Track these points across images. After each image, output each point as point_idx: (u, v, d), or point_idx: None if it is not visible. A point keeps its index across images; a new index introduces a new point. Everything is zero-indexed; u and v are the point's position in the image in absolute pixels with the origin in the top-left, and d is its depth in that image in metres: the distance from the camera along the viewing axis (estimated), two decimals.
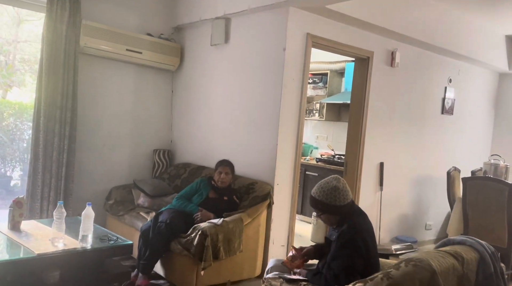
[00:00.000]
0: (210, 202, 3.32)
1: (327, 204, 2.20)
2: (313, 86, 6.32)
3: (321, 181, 2.29)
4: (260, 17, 3.69)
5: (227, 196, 3.40)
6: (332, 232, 2.31)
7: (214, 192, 3.40)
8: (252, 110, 3.78)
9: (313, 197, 2.26)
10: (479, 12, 4.62)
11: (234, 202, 3.42)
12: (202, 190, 3.40)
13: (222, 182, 3.40)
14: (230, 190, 3.48)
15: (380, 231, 4.50)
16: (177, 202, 3.36)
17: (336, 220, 2.25)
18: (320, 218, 2.32)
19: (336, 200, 2.19)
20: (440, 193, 4.87)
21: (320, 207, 2.24)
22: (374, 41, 4.20)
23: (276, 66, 3.54)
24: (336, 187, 2.20)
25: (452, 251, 1.92)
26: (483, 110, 5.77)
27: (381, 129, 4.43)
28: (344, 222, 2.21)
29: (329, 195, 2.19)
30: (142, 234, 3.12)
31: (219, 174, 3.41)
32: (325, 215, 2.25)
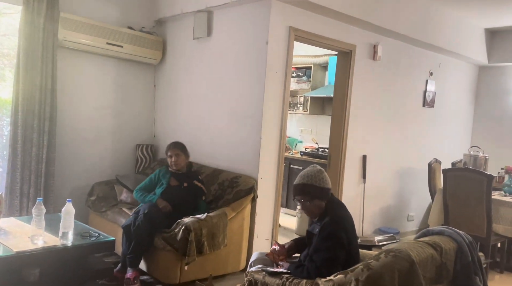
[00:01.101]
0: (172, 190, 3.27)
1: (317, 187, 2.19)
2: (297, 79, 6.33)
3: (302, 171, 2.30)
4: (242, 10, 3.67)
5: (187, 182, 3.31)
6: (314, 226, 2.31)
7: (175, 179, 3.33)
8: (235, 104, 3.76)
9: (301, 184, 2.23)
10: (459, 6, 4.68)
11: (195, 187, 3.32)
12: (162, 180, 3.36)
13: (176, 164, 3.31)
14: (190, 174, 3.38)
15: (363, 223, 4.56)
16: (136, 194, 3.33)
17: (322, 209, 2.24)
18: (305, 208, 2.26)
19: (324, 182, 2.21)
20: (421, 185, 4.95)
21: (311, 191, 2.20)
22: (357, 35, 4.22)
23: (259, 59, 3.53)
24: (320, 170, 2.26)
25: (431, 241, 1.96)
26: (463, 103, 5.87)
27: (364, 122, 4.47)
28: (326, 214, 2.22)
29: (317, 178, 2.21)
30: (125, 230, 3.10)
31: (170, 158, 3.33)
32: (314, 201, 2.21)
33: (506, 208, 3.79)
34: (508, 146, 5.60)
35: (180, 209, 3.19)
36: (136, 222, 3.02)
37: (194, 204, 3.30)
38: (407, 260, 1.76)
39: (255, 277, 2.14)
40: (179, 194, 3.25)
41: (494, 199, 3.80)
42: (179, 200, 3.21)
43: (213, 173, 3.75)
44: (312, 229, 2.31)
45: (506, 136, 5.68)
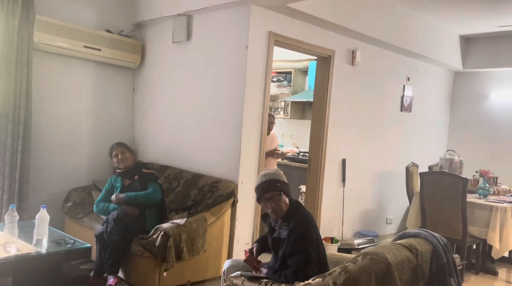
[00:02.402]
0: (128, 190, 3.27)
1: (283, 182, 2.28)
2: (277, 84, 6.36)
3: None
4: (222, 15, 3.67)
5: (137, 174, 3.30)
6: (279, 230, 2.27)
7: (127, 178, 3.33)
8: (216, 108, 3.75)
9: (268, 180, 2.25)
10: (435, 13, 4.80)
11: (145, 174, 3.30)
12: (115, 184, 3.35)
13: (123, 162, 3.32)
14: (137, 167, 3.37)
15: (343, 226, 4.60)
16: (97, 208, 3.30)
17: (286, 205, 2.24)
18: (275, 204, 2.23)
19: (285, 179, 2.30)
20: (400, 188, 5.03)
21: (279, 185, 2.23)
22: (336, 40, 4.27)
23: (239, 64, 3.53)
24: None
25: (407, 244, 1.99)
26: (440, 107, 6.01)
27: (343, 126, 4.52)
28: (291, 217, 2.22)
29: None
30: (98, 239, 3.04)
31: (116, 157, 3.33)
32: (282, 196, 2.23)
33: (481, 210, 3.89)
34: (482, 150, 5.75)
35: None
36: (108, 229, 2.97)
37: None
38: (384, 263, 1.78)
39: (234, 282, 2.13)
40: (135, 190, 3.24)
41: (469, 202, 3.89)
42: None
43: (193, 177, 3.72)
44: (279, 235, 2.27)
45: (480, 140, 5.84)
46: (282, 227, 2.24)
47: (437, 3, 4.39)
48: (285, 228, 2.21)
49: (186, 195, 3.61)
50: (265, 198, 2.26)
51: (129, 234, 3.01)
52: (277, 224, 2.30)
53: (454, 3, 4.37)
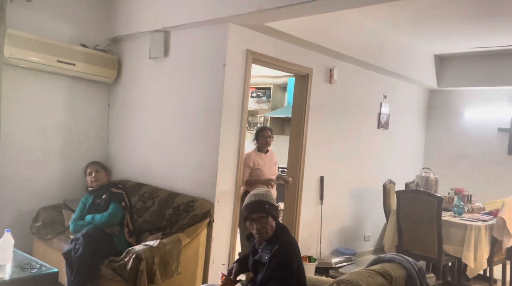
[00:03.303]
0: (95, 209, 3.21)
1: (272, 204, 2.23)
2: (257, 100, 6.37)
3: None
4: (200, 32, 3.65)
5: (105, 193, 3.23)
6: (262, 253, 2.23)
7: (98, 197, 3.27)
8: (192, 126, 3.70)
9: (257, 200, 2.21)
10: (411, 33, 4.91)
11: (112, 194, 3.22)
12: (87, 203, 3.28)
13: (96, 180, 3.26)
14: (108, 186, 3.31)
15: (321, 244, 4.57)
16: (74, 227, 3.19)
17: (272, 228, 2.21)
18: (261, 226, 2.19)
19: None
20: (377, 205, 5.05)
21: (267, 207, 2.20)
22: (313, 59, 4.30)
23: (217, 81, 3.50)
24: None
25: (381, 270, 1.97)
26: (416, 124, 6.11)
27: (321, 143, 4.53)
28: (275, 240, 2.19)
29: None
30: (65, 257, 2.94)
31: (90, 175, 3.28)
32: (269, 218, 2.19)
33: (456, 228, 3.93)
34: (457, 167, 5.86)
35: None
36: (76, 246, 2.87)
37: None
38: None
39: None
40: (102, 209, 3.17)
41: (444, 220, 3.93)
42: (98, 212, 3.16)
43: (169, 196, 3.64)
44: (260, 257, 2.24)
45: (454, 157, 5.95)
46: (265, 250, 2.21)
47: (412, 23, 4.49)
48: (268, 252, 2.17)
49: (161, 215, 3.52)
50: (252, 219, 2.21)
51: (98, 253, 2.91)
52: (261, 246, 2.26)
53: (428, 24, 4.48)
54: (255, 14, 3.14)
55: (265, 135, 4.06)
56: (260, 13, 3.11)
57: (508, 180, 5.41)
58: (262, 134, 4.06)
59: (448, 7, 3.85)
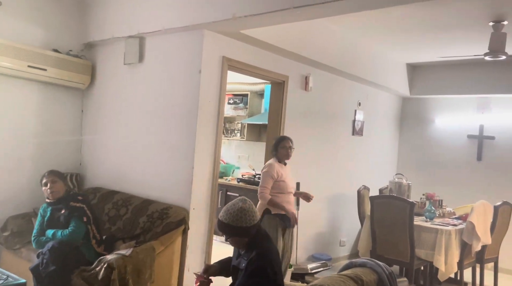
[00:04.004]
0: (54, 223, 3.09)
1: (234, 227, 2.19)
2: (234, 106, 6.37)
3: (228, 203, 2.28)
4: (175, 38, 3.64)
5: (65, 208, 3.08)
6: (240, 260, 2.26)
7: (56, 210, 3.12)
8: (168, 132, 3.67)
9: (220, 221, 2.24)
10: (384, 42, 5.04)
11: (72, 208, 3.07)
12: (45, 216, 3.14)
13: (52, 193, 3.09)
14: (67, 199, 3.13)
15: (297, 250, 4.59)
16: (37, 244, 3.07)
17: (245, 243, 2.23)
18: (228, 241, 2.29)
19: (242, 222, 2.18)
20: (352, 211, 5.12)
21: (228, 230, 2.22)
22: (289, 66, 4.35)
23: (192, 87, 3.50)
24: (242, 208, 2.20)
25: (352, 275, 2.00)
26: (389, 131, 6.24)
27: (297, 150, 4.54)
28: (253, 247, 2.20)
29: (236, 217, 2.19)
30: (33, 273, 2.84)
31: (46, 186, 3.11)
32: (233, 238, 2.23)
33: (427, 233, 4.02)
34: (429, 173, 6.01)
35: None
36: (43, 261, 2.79)
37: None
38: None
39: None
40: (61, 225, 3.05)
41: (416, 225, 4.02)
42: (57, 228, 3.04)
43: (143, 204, 3.59)
44: (238, 264, 2.27)
45: (426, 163, 6.11)
46: (244, 257, 2.22)
47: (385, 33, 4.61)
48: (246, 258, 2.19)
49: (134, 223, 3.46)
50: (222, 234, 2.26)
51: (67, 265, 2.83)
52: (242, 251, 2.28)
53: (400, 33, 4.61)
54: (230, 21, 3.16)
55: (286, 146, 3.67)
56: (235, 21, 3.13)
57: (477, 186, 5.59)
58: (283, 144, 3.67)
59: (418, 17, 3.97)
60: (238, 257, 2.30)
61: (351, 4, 2.70)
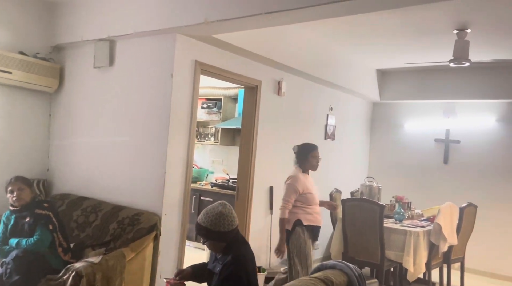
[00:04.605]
0: (18, 232, 2.99)
1: (212, 231, 2.19)
2: (207, 111, 6.35)
3: (208, 207, 2.28)
4: (147, 42, 3.60)
5: (30, 215, 2.99)
6: (215, 264, 2.29)
7: (21, 218, 3.02)
8: (139, 137, 3.62)
9: (198, 224, 2.25)
10: (355, 49, 5.15)
11: (37, 216, 2.98)
12: (9, 224, 3.03)
13: (18, 200, 2.99)
14: (32, 206, 3.03)
15: (270, 254, 4.61)
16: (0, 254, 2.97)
17: (222, 247, 2.24)
18: (206, 244, 2.30)
19: (220, 226, 2.19)
20: (325, 214, 5.17)
21: (205, 233, 2.22)
22: (262, 71, 4.38)
23: (164, 91, 3.47)
24: (221, 212, 2.21)
25: (323, 277, 2.02)
26: (361, 135, 6.37)
27: (271, 154, 4.59)
28: (230, 252, 2.21)
29: (214, 221, 2.19)
30: None
31: (12, 194, 3.01)
32: (210, 242, 2.24)
33: (397, 235, 4.12)
34: (398, 176, 6.17)
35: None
36: (7, 270, 2.69)
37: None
38: None
39: None
40: (26, 233, 2.96)
41: (386, 227, 4.11)
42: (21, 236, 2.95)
43: (113, 210, 3.51)
44: (213, 268, 2.29)
45: (396, 166, 6.26)
46: (219, 261, 2.23)
47: (356, 39, 4.71)
48: (221, 263, 2.20)
49: (104, 229, 3.38)
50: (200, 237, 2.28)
51: (32, 274, 2.74)
52: (218, 256, 2.29)
53: (370, 40, 4.72)
54: (202, 25, 3.16)
55: (316, 155, 3.54)
56: (207, 25, 3.13)
57: (444, 188, 5.78)
58: (314, 154, 3.53)
59: (386, 24, 4.08)
60: (214, 261, 2.31)
61: (320, 11, 2.75)
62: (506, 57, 4.79)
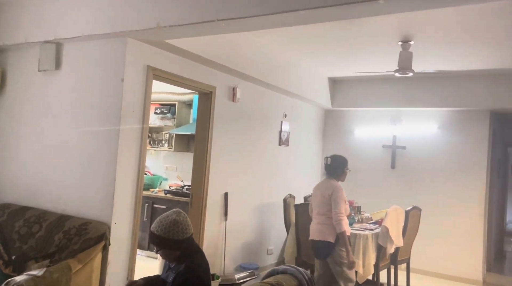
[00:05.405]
0: None
1: (166, 239, 2.16)
2: (161, 116, 6.25)
3: (162, 215, 2.25)
4: (96, 45, 3.50)
5: None
6: (168, 273, 2.26)
7: None
8: (87, 143, 3.49)
9: (151, 232, 2.20)
10: (308, 57, 5.29)
11: None
12: None
13: None
14: None
15: (225, 261, 4.59)
16: None
17: (176, 256, 2.21)
18: (159, 253, 2.27)
19: (175, 234, 2.16)
20: (279, 219, 5.25)
21: (158, 242, 2.18)
22: (217, 77, 4.39)
23: (114, 96, 3.37)
24: (176, 220, 2.18)
25: (274, 282, 2.05)
26: (314, 141, 6.53)
27: (225, 160, 4.59)
28: (183, 261, 2.19)
29: (168, 229, 2.16)
30: None
31: None
32: (164, 250, 2.20)
33: None
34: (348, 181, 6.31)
35: None
36: None
37: None
38: None
39: None
40: None
41: None
42: None
43: (59, 220, 3.35)
44: (167, 277, 2.26)
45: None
46: (173, 270, 2.20)
47: (308, 48, 4.85)
48: (174, 272, 2.18)
49: (49, 240, 3.22)
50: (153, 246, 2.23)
51: None
52: (172, 265, 2.26)
53: (322, 49, 4.88)
54: (154, 30, 3.11)
55: (348, 168, 3.82)
56: (160, 30, 3.09)
57: (391, 192, 6.05)
58: (347, 167, 3.80)
59: (337, 34, 4.23)
60: (167, 270, 2.28)
61: (273, 20, 2.80)
62: (447, 68, 5.12)
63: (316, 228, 3.66)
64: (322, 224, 3.62)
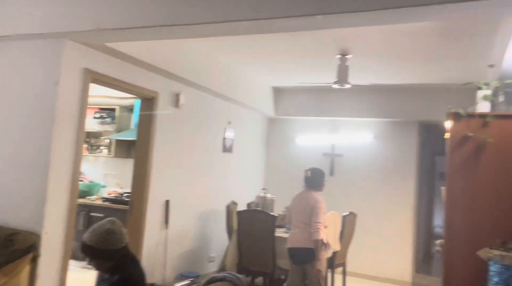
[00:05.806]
0: None
1: (98, 250, 2.08)
2: (100, 121, 6.02)
3: (95, 224, 2.17)
4: (29, 45, 3.32)
5: None
6: (102, 284, 2.17)
7: None
8: (16, 148, 3.29)
9: (83, 243, 2.11)
10: (252, 66, 5.39)
11: None
12: None
13: None
14: None
15: (166, 270, 4.50)
16: None
17: (110, 267, 2.13)
18: (92, 264, 2.17)
19: (108, 244, 2.09)
20: (221, 226, 5.25)
21: (91, 252, 2.10)
22: (159, 82, 4.32)
23: (47, 100, 3.22)
24: (110, 230, 2.11)
25: None
26: (257, 149, 6.63)
27: (168, 167, 4.52)
28: (117, 271, 2.12)
29: (101, 239, 2.08)
30: None
31: None
32: (97, 261, 2.12)
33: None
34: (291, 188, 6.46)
35: None
36: None
37: None
38: None
39: None
40: None
41: (278, 236, 4.31)
42: None
43: None
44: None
45: (289, 178, 6.61)
46: (106, 282, 2.13)
47: (252, 57, 4.94)
48: (107, 283, 2.10)
49: None
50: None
51: None
52: (106, 276, 2.17)
53: (266, 59, 4.99)
54: (94, 33, 3.02)
55: (325, 180, 4.07)
56: (99, 32, 3.00)
57: (331, 198, 6.19)
58: (325, 178, 4.05)
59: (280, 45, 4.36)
60: (101, 282, 2.20)
61: (216, 29, 2.83)
62: (381, 82, 5.46)
63: (300, 235, 3.79)
64: (307, 232, 3.75)
